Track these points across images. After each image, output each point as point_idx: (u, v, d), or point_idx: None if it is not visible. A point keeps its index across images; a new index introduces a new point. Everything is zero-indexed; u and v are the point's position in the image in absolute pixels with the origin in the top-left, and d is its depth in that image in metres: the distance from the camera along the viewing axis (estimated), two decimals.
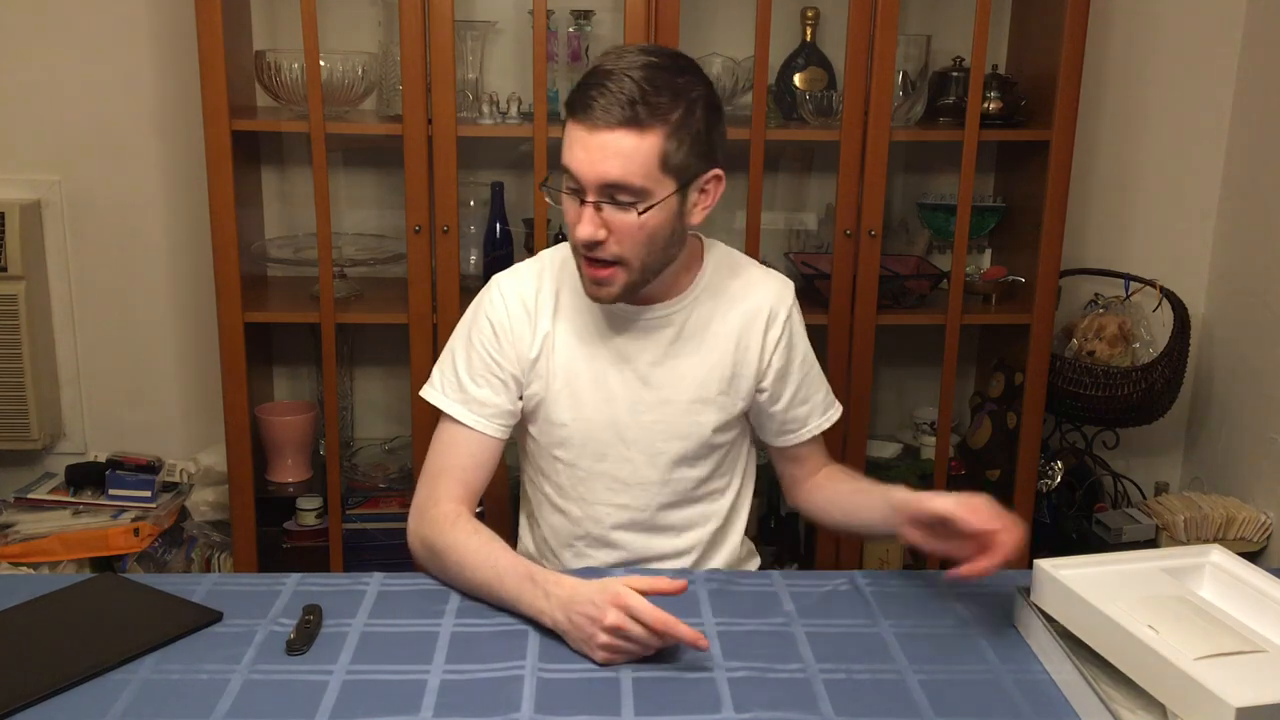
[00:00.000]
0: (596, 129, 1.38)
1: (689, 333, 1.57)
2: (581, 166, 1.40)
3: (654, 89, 1.38)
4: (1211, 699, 1.07)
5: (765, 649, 1.31)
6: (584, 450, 1.58)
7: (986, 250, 2.80)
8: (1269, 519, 2.64)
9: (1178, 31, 2.74)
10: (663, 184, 1.42)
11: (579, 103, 1.40)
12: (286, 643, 1.28)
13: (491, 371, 1.56)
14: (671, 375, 1.57)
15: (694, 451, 1.60)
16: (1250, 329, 2.73)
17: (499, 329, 1.56)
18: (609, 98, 1.37)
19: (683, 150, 1.41)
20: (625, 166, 1.39)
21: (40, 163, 2.62)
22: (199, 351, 2.70)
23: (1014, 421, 2.58)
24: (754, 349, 1.60)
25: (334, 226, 2.41)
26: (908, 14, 2.59)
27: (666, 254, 1.49)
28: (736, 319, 1.59)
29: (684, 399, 1.57)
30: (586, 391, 1.56)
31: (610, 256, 1.44)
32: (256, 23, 2.52)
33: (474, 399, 1.55)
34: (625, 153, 1.38)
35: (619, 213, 1.41)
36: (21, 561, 2.43)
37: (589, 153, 1.39)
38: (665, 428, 1.58)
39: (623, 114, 1.37)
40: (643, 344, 1.56)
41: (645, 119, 1.38)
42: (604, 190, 1.41)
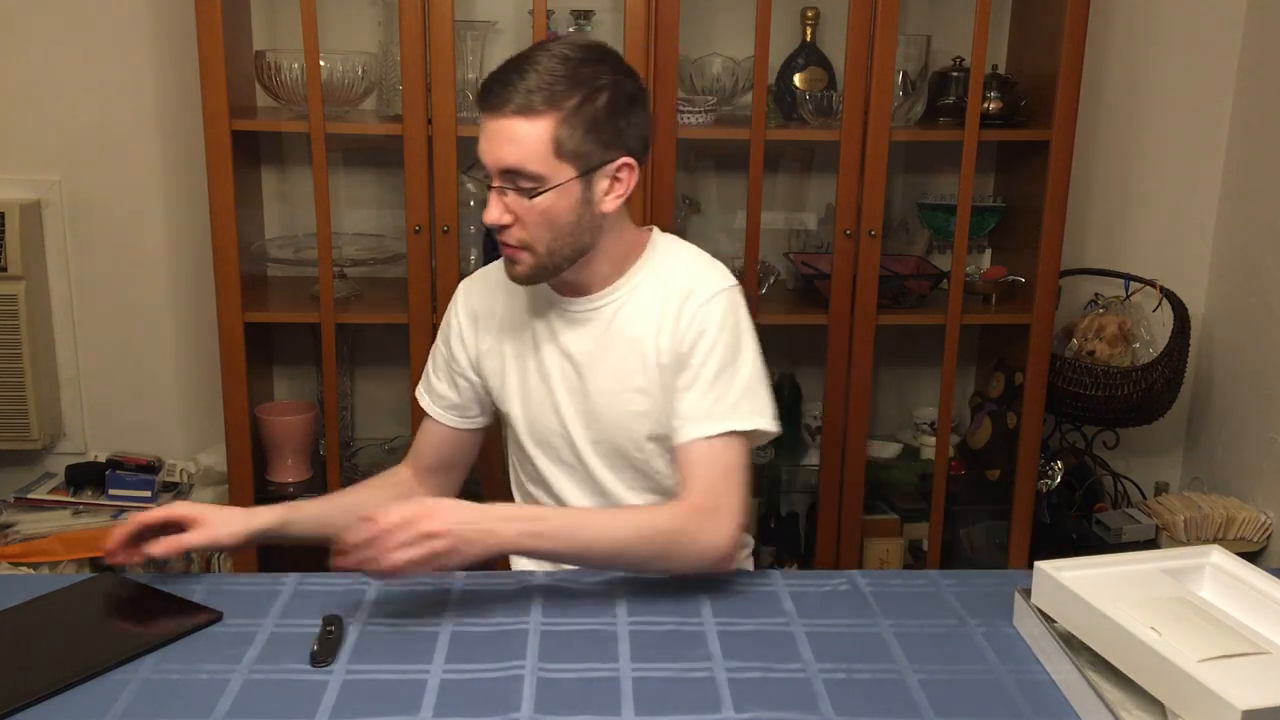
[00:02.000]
0: (494, 117, 1.44)
1: (621, 324, 1.57)
2: (483, 153, 1.46)
3: (553, 78, 1.42)
4: (1217, 702, 1.07)
5: (765, 649, 1.31)
6: (535, 439, 1.64)
7: (986, 250, 2.80)
8: (1269, 519, 2.64)
9: (1178, 31, 2.74)
10: (559, 170, 1.44)
11: (481, 92, 1.46)
12: (310, 655, 1.27)
13: (446, 365, 1.68)
14: (604, 366, 1.58)
15: (635, 441, 1.59)
16: (1250, 329, 2.73)
17: (452, 329, 1.68)
18: (508, 87, 1.43)
19: (577, 137, 1.44)
20: (517, 152, 1.43)
21: (40, 163, 2.61)
22: (199, 351, 2.70)
23: (1014, 421, 2.58)
24: (668, 333, 1.55)
25: (334, 226, 2.41)
26: (908, 14, 2.59)
27: (577, 240, 1.50)
28: (662, 310, 1.56)
29: (616, 389, 1.57)
30: (531, 384, 1.62)
31: (515, 241, 1.49)
32: (256, 23, 2.52)
33: (433, 390, 1.70)
34: (517, 138, 1.43)
35: (521, 198, 1.46)
36: (21, 561, 2.43)
37: (488, 140, 1.45)
38: (600, 417, 1.59)
39: (517, 102, 1.42)
40: (578, 335, 1.59)
41: (537, 106, 1.42)
42: (504, 176, 1.45)
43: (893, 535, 2.72)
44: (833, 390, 2.50)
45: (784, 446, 2.74)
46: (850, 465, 2.53)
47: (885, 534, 2.71)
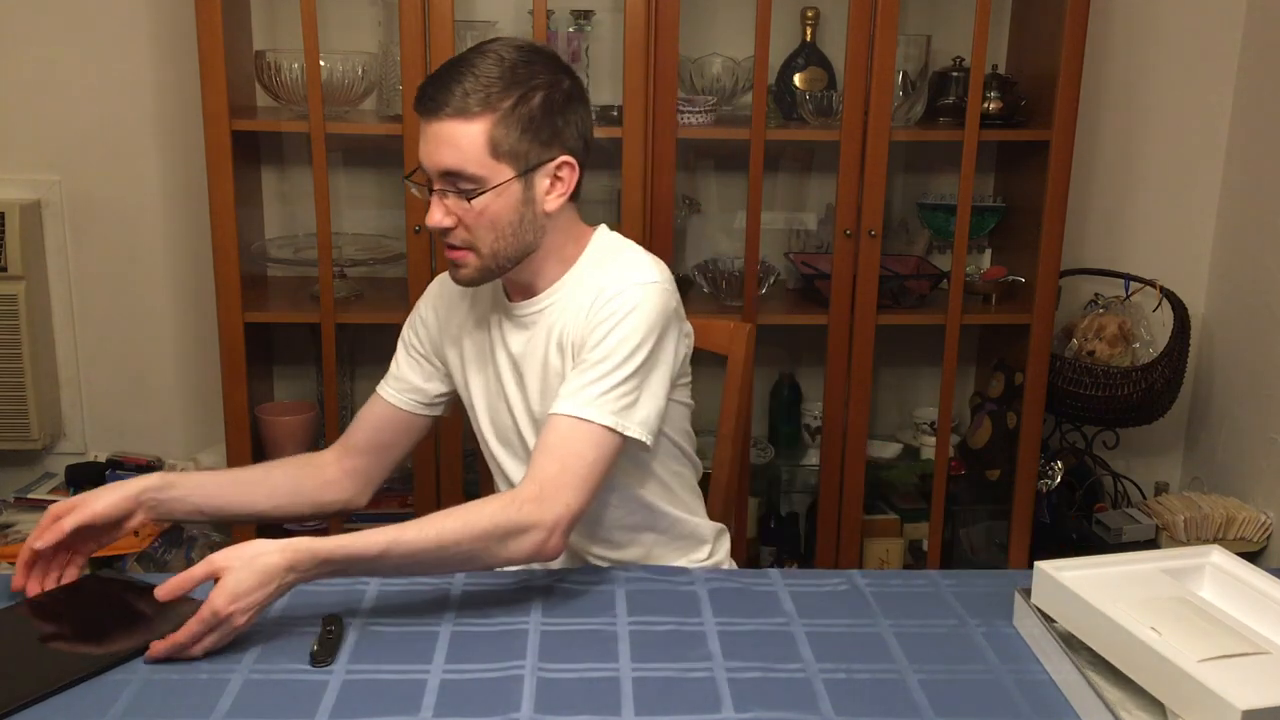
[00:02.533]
0: (431, 120, 1.44)
1: (553, 326, 1.56)
2: (422, 156, 1.46)
3: (488, 79, 1.43)
4: (1217, 702, 1.07)
5: (765, 649, 1.31)
6: (497, 436, 1.65)
7: (986, 250, 2.80)
8: (1269, 519, 2.64)
9: (1178, 32, 2.74)
10: (497, 171, 1.45)
11: (418, 95, 1.46)
12: (310, 655, 1.27)
13: (408, 352, 1.70)
14: (539, 367, 1.57)
15: None
16: (1250, 329, 2.73)
17: (418, 316, 1.70)
18: (444, 91, 1.43)
19: (514, 137, 1.44)
20: (455, 154, 1.43)
21: (40, 163, 2.62)
22: (199, 351, 2.70)
23: (1014, 421, 2.58)
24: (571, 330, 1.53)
25: (334, 226, 2.41)
26: (908, 14, 2.59)
27: (520, 240, 1.50)
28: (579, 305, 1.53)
29: (550, 387, 1.56)
30: (489, 382, 1.64)
31: (460, 243, 1.49)
32: (256, 23, 2.52)
33: (391, 373, 1.71)
34: (454, 140, 1.43)
35: (462, 200, 1.46)
36: None
37: (427, 143, 1.46)
38: (540, 415, 1.56)
39: (453, 104, 1.42)
40: (518, 337, 1.59)
41: (472, 108, 1.42)
42: (444, 179, 1.46)
43: (893, 535, 2.72)
44: (833, 390, 2.50)
45: (784, 446, 2.75)
46: (850, 465, 2.53)
47: (885, 534, 2.71)
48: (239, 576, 1.25)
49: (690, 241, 2.71)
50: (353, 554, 1.31)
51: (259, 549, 1.27)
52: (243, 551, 1.27)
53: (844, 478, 2.54)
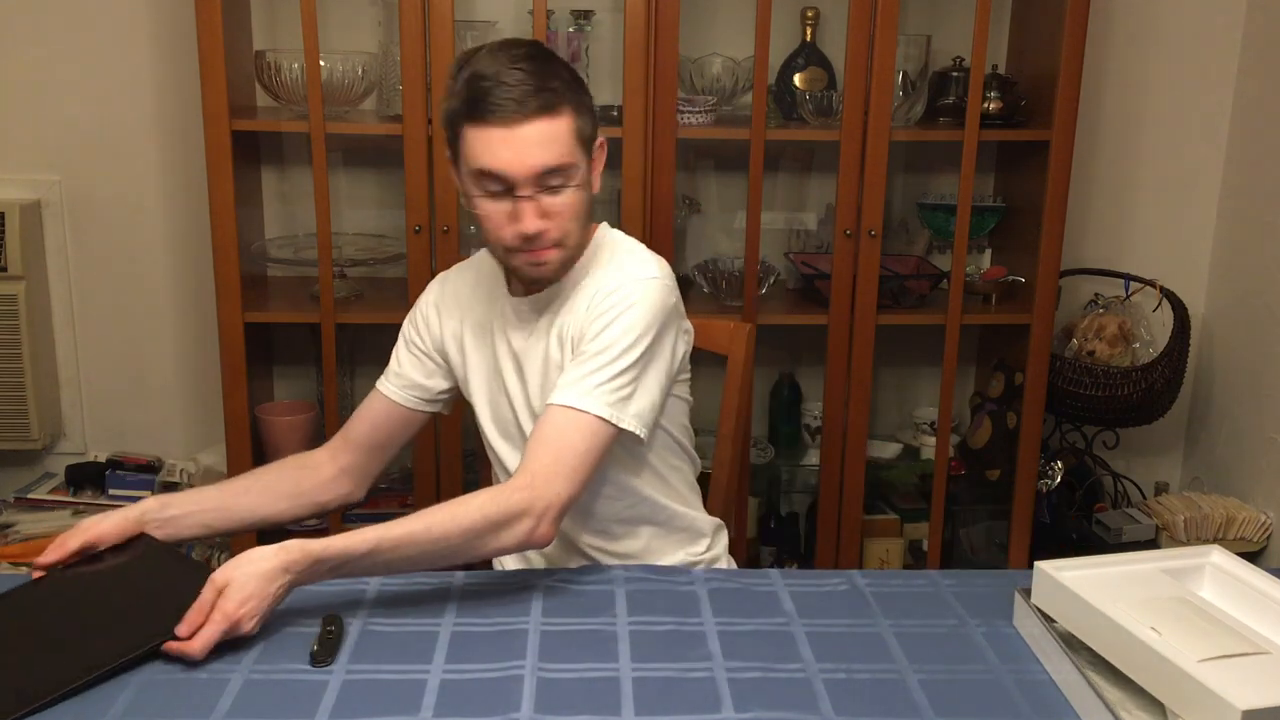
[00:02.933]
0: (514, 124, 1.42)
1: (555, 315, 1.58)
2: (511, 164, 1.43)
3: (545, 73, 1.44)
4: (1217, 701, 1.07)
5: (765, 649, 1.31)
6: (493, 431, 1.66)
7: (986, 250, 2.80)
8: (1269, 519, 2.65)
9: (1178, 31, 2.74)
10: (580, 158, 1.48)
11: (482, 107, 1.42)
12: (310, 654, 1.27)
13: (409, 349, 1.70)
14: (532, 360, 1.60)
15: None
16: (1250, 329, 2.73)
17: (419, 314, 1.71)
18: (517, 93, 1.42)
19: (585, 120, 1.49)
20: (555, 149, 1.44)
21: (40, 163, 2.62)
22: (199, 351, 2.70)
23: (1014, 421, 2.58)
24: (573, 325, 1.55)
25: (334, 226, 2.41)
26: (908, 14, 2.59)
27: (587, 225, 1.56)
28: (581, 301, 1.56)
29: (539, 382, 1.59)
30: (487, 376, 1.65)
31: (550, 242, 1.49)
32: (256, 23, 2.52)
33: (391, 370, 1.71)
34: (551, 137, 1.44)
35: (552, 197, 1.46)
36: (21, 561, 2.43)
37: (516, 149, 1.43)
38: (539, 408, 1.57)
39: (537, 103, 1.42)
40: (522, 331, 1.61)
41: (555, 103, 1.44)
42: (537, 180, 1.45)
43: (893, 535, 2.72)
44: (833, 390, 2.50)
45: (784, 446, 2.75)
46: (850, 465, 2.53)
47: (885, 534, 2.71)
48: (241, 583, 1.27)
49: (690, 241, 2.71)
50: (344, 551, 1.32)
51: (254, 555, 1.29)
52: (240, 561, 1.29)
53: (844, 478, 2.54)
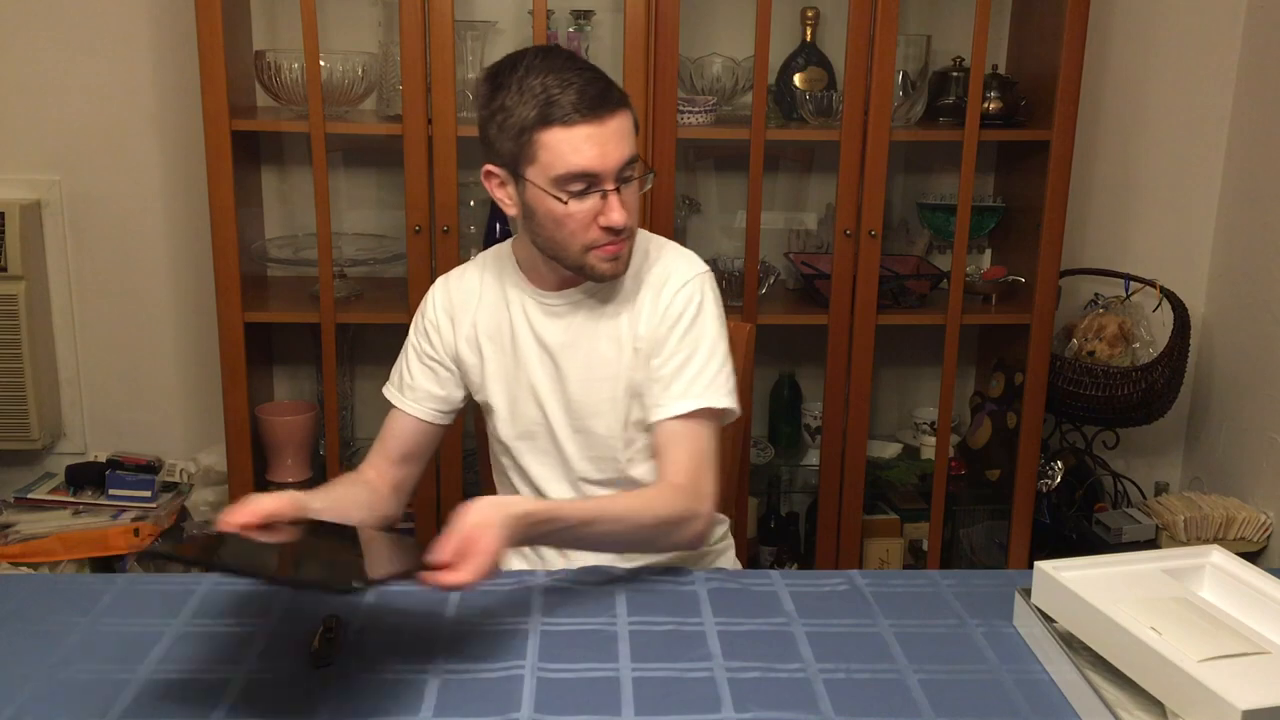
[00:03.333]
0: (604, 120, 1.46)
1: (595, 314, 1.61)
2: (601, 160, 1.46)
3: (600, 73, 1.50)
4: (1217, 701, 1.07)
5: (765, 649, 1.31)
6: (516, 433, 1.66)
7: (986, 250, 2.80)
8: (1269, 519, 2.65)
9: (1178, 32, 2.74)
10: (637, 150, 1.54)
11: (568, 106, 1.44)
12: (310, 654, 1.27)
13: (421, 360, 1.68)
14: (575, 354, 1.61)
15: (613, 428, 1.63)
16: (1250, 329, 2.73)
17: (428, 325, 1.68)
18: (591, 90, 1.46)
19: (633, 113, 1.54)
20: (629, 143, 1.50)
21: (40, 163, 2.62)
22: (199, 351, 2.70)
23: (1014, 421, 2.58)
24: (641, 322, 1.60)
25: (334, 226, 2.41)
26: (908, 14, 2.59)
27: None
28: (633, 297, 1.62)
29: (591, 377, 1.61)
30: (511, 376, 1.64)
31: (628, 234, 1.53)
32: (256, 23, 2.52)
33: (406, 384, 1.69)
34: (626, 131, 1.49)
35: (629, 187, 1.51)
36: (21, 561, 2.43)
37: (603, 144, 1.46)
38: (580, 404, 1.62)
39: (614, 99, 1.48)
40: (558, 326, 1.62)
41: (622, 97, 1.50)
42: (618, 174, 1.49)
43: (893, 535, 2.72)
44: (833, 390, 2.50)
45: (784, 446, 2.75)
46: (850, 465, 2.53)
47: (885, 534, 2.71)
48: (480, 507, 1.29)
49: (690, 241, 2.70)
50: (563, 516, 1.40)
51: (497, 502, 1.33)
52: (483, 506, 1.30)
53: (844, 478, 2.54)
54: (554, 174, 1.47)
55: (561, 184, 1.47)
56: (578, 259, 1.53)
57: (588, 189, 1.47)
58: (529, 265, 1.63)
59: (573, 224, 1.50)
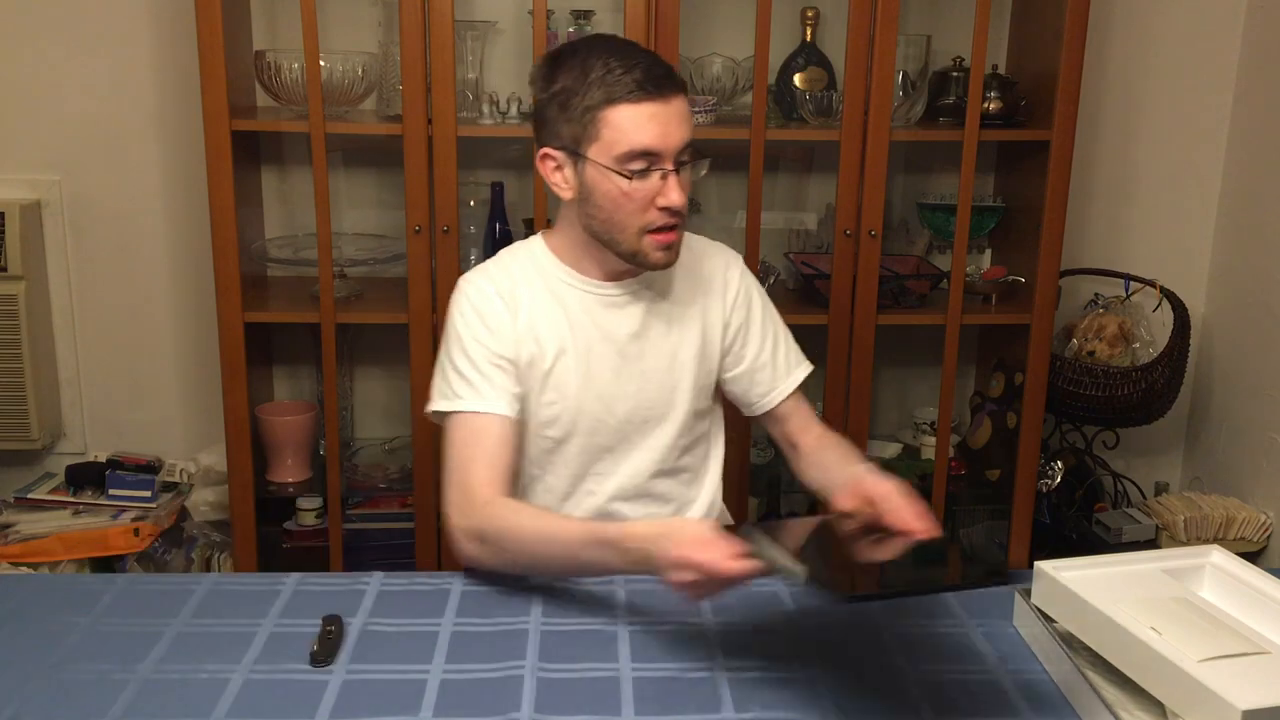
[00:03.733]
0: (669, 100, 1.49)
1: (660, 304, 1.64)
2: (664, 139, 1.48)
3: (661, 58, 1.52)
4: (1217, 701, 1.07)
5: (765, 649, 1.31)
6: (574, 425, 1.63)
7: (986, 250, 2.80)
8: (1269, 519, 2.65)
9: (1178, 32, 2.74)
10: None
11: (633, 84, 1.46)
12: (310, 654, 1.27)
13: (490, 360, 1.56)
14: (649, 345, 1.63)
15: (676, 417, 1.66)
16: (1250, 329, 2.73)
17: (485, 318, 1.58)
18: (657, 70, 1.48)
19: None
20: (688, 126, 1.52)
21: (40, 163, 2.62)
22: (199, 351, 2.70)
23: (1014, 421, 2.58)
24: (715, 314, 1.68)
25: (334, 226, 2.41)
26: (908, 14, 2.59)
27: None
28: (700, 289, 1.67)
29: (661, 367, 1.64)
30: (571, 370, 1.61)
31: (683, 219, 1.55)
32: (256, 23, 2.52)
33: (484, 386, 1.55)
34: (686, 114, 1.52)
35: (686, 171, 1.54)
36: (21, 561, 2.43)
37: (665, 124, 1.48)
38: (648, 393, 1.64)
39: (676, 81, 1.50)
40: (620, 319, 1.62)
41: (681, 83, 1.53)
42: (678, 155, 1.51)
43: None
44: (833, 390, 2.50)
45: None
46: None
47: None
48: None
49: None
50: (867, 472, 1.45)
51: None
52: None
53: None
54: (617, 151, 1.48)
55: (624, 161, 1.48)
56: (633, 243, 1.53)
57: (648, 168, 1.49)
58: (573, 258, 1.61)
59: (631, 204, 1.50)
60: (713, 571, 1.23)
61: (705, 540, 1.26)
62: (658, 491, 1.69)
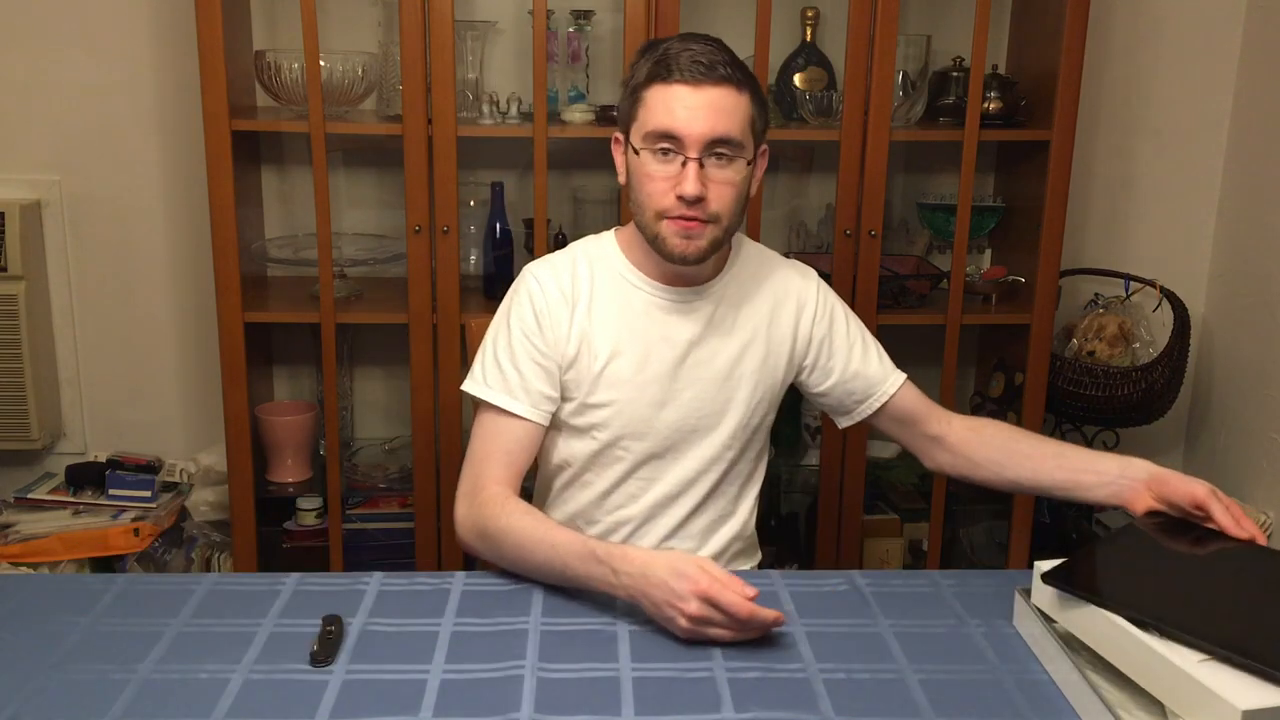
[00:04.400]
0: (701, 86, 1.46)
1: (724, 313, 1.63)
2: (688, 125, 1.46)
3: (734, 59, 1.50)
4: (1217, 702, 1.07)
5: (765, 649, 1.31)
6: (624, 429, 1.61)
7: (986, 250, 2.80)
8: (1269, 519, 2.64)
9: (1178, 31, 2.74)
10: (750, 144, 1.52)
11: (672, 67, 1.47)
12: (310, 654, 1.27)
13: (533, 358, 1.58)
14: (708, 353, 1.62)
15: (730, 428, 1.65)
16: (1250, 329, 2.73)
17: (539, 315, 1.59)
18: (705, 59, 1.47)
19: (760, 117, 1.54)
20: (730, 120, 1.48)
21: (40, 163, 2.62)
22: (199, 351, 2.70)
23: (1014, 421, 2.58)
24: (786, 331, 1.67)
25: (334, 226, 2.41)
26: (908, 14, 2.59)
27: (741, 219, 1.58)
28: (767, 303, 1.67)
29: (720, 376, 1.63)
30: (626, 371, 1.60)
31: (707, 215, 1.50)
32: (256, 23, 2.52)
33: (517, 386, 1.57)
34: (729, 108, 1.48)
35: (719, 168, 1.49)
36: (21, 561, 2.43)
37: (693, 110, 1.46)
38: (705, 402, 1.63)
39: (724, 73, 1.47)
40: (682, 324, 1.61)
41: (739, 80, 1.49)
42: (708, 146, 1.48)
43: (893, 535, 2.72)
44: None
45: (784, 446, 2.74)
46: (850, 465, 2.53)
47: (885, 534, 2.71)
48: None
49: None
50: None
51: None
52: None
53: (844, 478, 2.54)
54: (645, 130, 1.50)
55: (650, 140, 1.49)
56: (653, 226, 1.53)
57: (672, 154, 1.48)
58: (637, 255, 1.61)
59: (651, 185, 1.50)
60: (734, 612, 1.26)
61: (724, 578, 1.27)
62: (698, 502, 1.67)
